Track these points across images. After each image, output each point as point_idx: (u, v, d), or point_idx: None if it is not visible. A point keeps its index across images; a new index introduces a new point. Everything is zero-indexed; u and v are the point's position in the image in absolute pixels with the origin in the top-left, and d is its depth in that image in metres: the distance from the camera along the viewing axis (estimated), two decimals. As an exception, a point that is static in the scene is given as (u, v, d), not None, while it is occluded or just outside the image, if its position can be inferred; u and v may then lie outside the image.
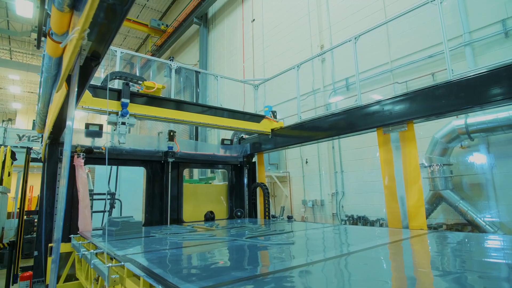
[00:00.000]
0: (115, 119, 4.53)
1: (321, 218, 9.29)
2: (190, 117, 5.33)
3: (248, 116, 6.21)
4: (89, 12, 1.42)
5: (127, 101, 4.62)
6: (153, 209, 5.74)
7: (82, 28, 1.50)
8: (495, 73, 3.62)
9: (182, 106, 5.34)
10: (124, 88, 4.63)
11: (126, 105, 4.58)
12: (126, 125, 4.58)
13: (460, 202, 6.09)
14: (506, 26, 6.06)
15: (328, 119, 5.49)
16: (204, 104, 5.58)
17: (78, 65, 1.87)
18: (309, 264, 2.37)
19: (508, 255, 2.70)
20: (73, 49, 1.69)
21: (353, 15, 9.07)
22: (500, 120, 5.60)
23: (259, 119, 6.41)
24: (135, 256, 2.60)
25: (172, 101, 5.34)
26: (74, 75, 1.93)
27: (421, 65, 7.25)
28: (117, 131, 4.55)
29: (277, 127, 6.47)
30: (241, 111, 6.28)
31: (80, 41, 1.60)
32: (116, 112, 4.58)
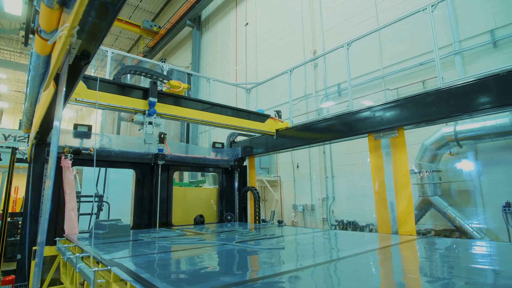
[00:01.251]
0: (142, 118, 4.42)
1: (311, 222, 9.30)
2: (201, 115, 5.12)
3: (253, 116, 5.91)
4: (79, 8, 1.39)
5: (155, 100, 4.51)
6: (141, 212, 5.65)
7: (72, 25, 1.46)
8: (484, 82, 3.69)
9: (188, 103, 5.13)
10: (152, 86, 4.51)
11: (153, 104, 4.48)
12: (153, 125, 4.47)
13: (449, 208, 6.17)
14: (495, 36, 6.21)
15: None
16: (208, 101, 5.30)
17: (67, 64, 1.83)
18: (298, 270, 2.35)
19: (495, 261, 2.74)
20: (62, 47, 1.65)
21: (346, 21, 9.18)
22: (488, 128, 5.72)
23: (263, 118, 6.10)
24: (122, 260, 2.54)
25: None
26: (62, 74, 1.88)
27: (412, 72, 7.36)
28: (144, 131, 4.43)
29: (283, 127, 6.17)
30: (246, 110, 5.99)
31: (69, 38, 1.56)
32: (143, 112, 4.48)
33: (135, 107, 4.43)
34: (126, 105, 4.35)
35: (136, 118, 4.39)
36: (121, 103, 4.30)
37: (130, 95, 4.41)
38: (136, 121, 4.40)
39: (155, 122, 4.47)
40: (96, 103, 4.05)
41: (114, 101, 4.20)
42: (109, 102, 4.15)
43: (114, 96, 4.23)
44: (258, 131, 6.06)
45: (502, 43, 6.15)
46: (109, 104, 4.14)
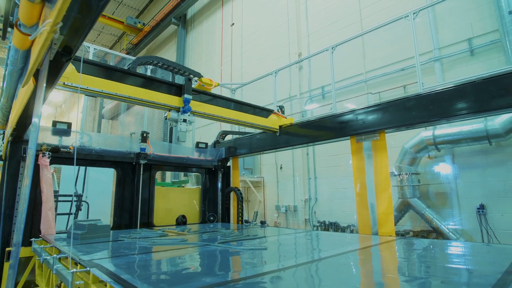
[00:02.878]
0: (176, 116, 4.29)
1: (294, 223, 9.38)
2: (201, 107, 4.78)
3: (256, 110, 5.53)
4: (63, 5, 1.35)
5: (190, 97, 4.38)
6: (122, 212, 5.54)
7: (55, 21, 1.42)
8: (461, 88, 3.83)
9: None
10: (187, 83, 4.37)
11: (188, 101, 4.34)
12: (187, 123, 4.34)
13: (426, 210, 6.36)
14: (472, 45, 6.46)
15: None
16: (209, 92, 4.94)
17: (48, 60, 1.77)
18: (280, 270, 2.37)
19: (469, 261, 2.85)
20: (43, 43, 1.60)
21: (331, 25, 9.32)
22: (464, 133, 5.94)
23: (266, 114, 5.70)
24: (101, 261, 2.48)
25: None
26: (42, 70, 1.83)
27: (394, 77, 7.55)
28: (179, 128, 4.31)
29: (287, 123, 5.81)
30: (249, 104, 5.51)
31: (51, 34, 1.52)
32: (177, 109, 4.34)
33: (168, 104, 4.28)
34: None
35: (170, 116, 4.26)
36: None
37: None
38: (170, 118, 4.28)
39: (189, 119, 4.36)
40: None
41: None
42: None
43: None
44: (261, 127, 5.67)
45: (479, 52, 6.41)
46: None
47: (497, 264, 2.60)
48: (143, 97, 4.05)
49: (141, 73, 4.26)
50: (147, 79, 4.18)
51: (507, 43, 5.68)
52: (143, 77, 4.17)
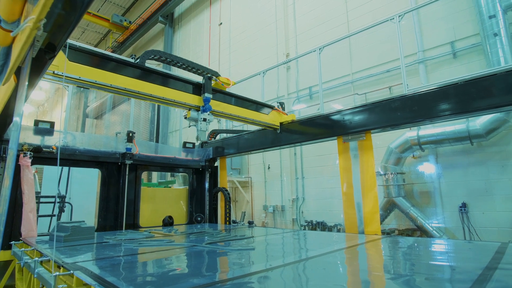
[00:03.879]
0: (196, 115, 4.21)
1: (282, 223, 9.41)
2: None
3: (257, 106, 5.31)
4: (47, 0, 1.31)
5: (210, 96, 4.31)
6: (107, 214, 5.44)
7: (38, 17, 1.38)
8: (444, 90, 3.92)
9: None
10: (207, 82, 4.30)
11: (208, 100, 4.27)
12: (207, 122, 4.26)
13: (411, 208, 6.49)
14: (455, 48, 6.63)
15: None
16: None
17: (30, 57, 1.72)
18: (268, 270, 2.37)
19: (451, 258, 2.92)
20: (26, 40, 1.55)
21: (319, 26, 9.39)
22: (447, 134, 6.09)
23: (267, 110, 5.50)
24: (86, 264, 2.43)
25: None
26: (24, 68, 1.77)
27: (380, 78, 7.67)
28: (198, 128, 4.23)
29: (288, 120, 5.61)
30: (251, 99, 5.25)
31: (34, 31, 1.47)
32: (196, 108, 4.25)
33: (188, 102, 4.19)
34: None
35: (190, 115, 4.19)
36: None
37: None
38: (190, 117, 4.20)
39: (208, 118, 4.29)
40: (63, 76, 3.26)
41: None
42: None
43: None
44: (262, 123, 5.44)
45: (461, 54, 6.58)
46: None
47: (478, 261, 2.68)
48: (159, 94, 3.93)
49: (160, 70, 4.15)
50: (164, 76, 4.08)
51: (488, 47, 5.85)
52: (160, 74, 4.05)
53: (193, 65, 4.34)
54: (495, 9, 5.83)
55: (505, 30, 5.69)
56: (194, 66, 4.33)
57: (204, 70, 4.40)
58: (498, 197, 5.86)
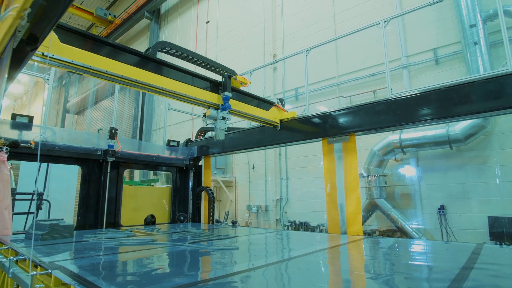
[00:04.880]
0: (216, 113, 4.14)
1: (265, 223, 9.43)
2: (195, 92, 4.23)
3: (257, 102, 5.10)
4: (31, -11, 1.26)
5: (229, 95, 4.24)
6: (87, 212, 5.30)
7: (22, 6, 1.32)
8: (426, 95, 4.03)
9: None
10: (226, 80, 4.23)
11: (228, 98, 4.20)
12: (225, 120, 4.20)
13: (392, 210, 6.64)
14: (437, 55, 6.82)
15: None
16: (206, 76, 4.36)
17: (11, 48, 1.65)
18: (251, 270, 2.37)
19: (429, 258, 3.01)
20: (7, 30, 1.48)
21: (306, 28, 9.47)
22: (428, 138, 6.26)
23: (267, 106, 5.28)
24: (64, 263, 2.36)
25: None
26: (4, 59, 1.70)
27: (364, 82, 7.81)
28: (218, 126, 4.15)
29: (288, 117, 5.44)
30: (251, 94, 5.01)
31: (17, 21, 1.40)
32: (215, 106, 4.16)
33: (208, 100, 4.11)
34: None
35: (210, 113, 4.12)
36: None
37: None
38: (209, 116, 4.13)
39: (227, 117, 4.24)
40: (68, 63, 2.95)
41: (60, 53, 3.08)
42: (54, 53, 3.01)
43: (62, 46, 3.09)
44: (262, 120, 5.21)
45: (443, 61, 6.78)
46: (53, 55, 2.96)
47: (455, 261, 2.76)
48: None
49: (183, 68, 4.05)
50: (183, 72, 3.99)
51: (468, 55, 6.06)
52: (180, 71, 3.96)
53: (212, 62, 4.27)
54: (476, 19, 6.04)
55: (485, 39, 5.90)
56: (213, 64, 4.27)
57: (222, 68, 4.34)
58: (474, 200, 6.07)
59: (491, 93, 3.58)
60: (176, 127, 12.41)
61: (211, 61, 4.25)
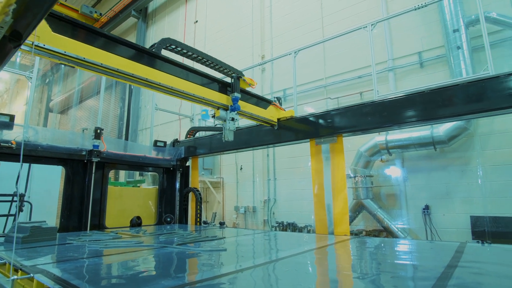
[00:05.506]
0: (225, 114, 4.11)
1: (253, 224, 9.42)
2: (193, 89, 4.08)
3: (255, 100, 4.98)
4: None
5: (239, 96, 4.22)
6: (70, 214, 5.18)
7: (7, 2, 1.27)
8: (411, 97, 4.11)
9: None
10: (235, 81, 4.22)
11: (237, 99, 4.19)
12: (234, 121, 4.16)
13: (378, 210, 6.74)
14: (422, 58, 6.98)
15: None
16: (205, 73, 4.22)
17: (-8, 44, 1.60)
18: (238, 271, 2.36)
19: (414, 257, 3.07)
20: (-12, 24, 1.43)
21: (295, 30, 9.52)
22: (413, 139, 6.39)
23: (265, 104, 5.19)
24: (47, 267, 2.29)
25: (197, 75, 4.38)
26: (-17, 54, 1.64)
27: (351, 84, 7.90)
28: (227, 127, 4.12)
29: (287, 116, 5.32)
30: (249, 92, 4.84)
31: (1, 16, 1.36)
32: (224, 107, 4.11)
33: (217, 101, 4.06)
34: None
35: (220, 114, 4.12)
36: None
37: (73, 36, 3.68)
38: (219, 116, 4.12)
39: (236, 118, 4.22)
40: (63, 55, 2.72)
41: (52, 43, 2.82)
42: (45, 43, 2.73)
43: (54, 36, 2.82)
44: (260, 119, 5.07)
45: (428, 64, 6.93)
46: (44, 45, 2.69)
47: (440, 259, 2.82)
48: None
49: (196, 69, 4.00)
50: (192, 72, 3.94)
51: (451, 59, 6.21)
52: (190, 70, 3.92)
53: (220, 63, 4.23)
54: (459, 24, 6.20)
55: (467, 44, 6.06)
56: (221, 64, 4.23)
57: (230, 69, 4.33)
58: (457, 200, 6.22)
59: (473, 96, 3.69)
60: (163, 127, 12.26)
61: (219, 61, 4.22)
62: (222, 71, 4.34)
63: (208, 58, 4.08)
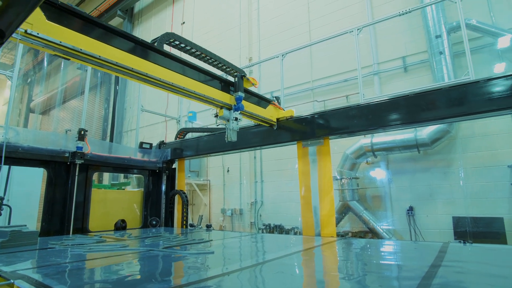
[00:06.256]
0: (228, 114, 3.98)
1: (240, 226, 9.39)
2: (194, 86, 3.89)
3: (256, 99, 4.83)
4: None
5: (242, 95, 4.08)
6: (52, 217, 5.03)
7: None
8: (396, 101, 4.19)
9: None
10: (239, 80, 4.08)
11: (241, 99, 4.05)
12: (238, 121, 4.05)
13: (364, 212, 6.83)
14: (406, 63, 7.14)
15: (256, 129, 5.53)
16: (204, 69, 4.01)
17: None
18: (225, 274, 2.35)
19: (399, 258, 3.12)
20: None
21: (282, 33, 9.59)
22: (398, 142, 6.52)
23: (265, 104, 5.03)
24: (28, 272, 2.22)
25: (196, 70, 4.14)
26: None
27: (338, 87, 8.01)
28: (230, 127, 3.99)
29: (286, 116, 5.18)
30: (249, 90, 4.67)
31: None
32: (227, 106, 3.99)
33: (220, 99, 3.94)
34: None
35: (223, 113, 3.99)
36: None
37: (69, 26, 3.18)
38: (222, 116, 3.99)
39: (239, 118, 4.10)
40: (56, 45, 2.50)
41: (46, 31, 2.54)
42: (38, 31, 2.46)
43: (48, 24, 2.55)
44: (260, 118, 4.89)
45: (412, 69, 7.10)
46: (37, 34, 2.43)
47: (424, 259, 2.88)
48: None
49: (200, 66, 3.87)
50: (195, 69, 3.79)
51: (434, 63, 6.38)
52: (193, 67, 3.76)
53: (223, 61, 4.09)
54: (441, 30, 6.38)
55: (449, 49, 6.24)
56: (224, 62, 4.10)
57: (233, 68, 4.22)
58: (440, 201, 6.38)
59: (455, 100, 3.79)
60: (149, 129, 12.11)
61: (222, 59, 4.09)
62: (225, 69, 4.23)
63: (211, 55, 3.94)
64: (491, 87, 3.56)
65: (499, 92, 3.51)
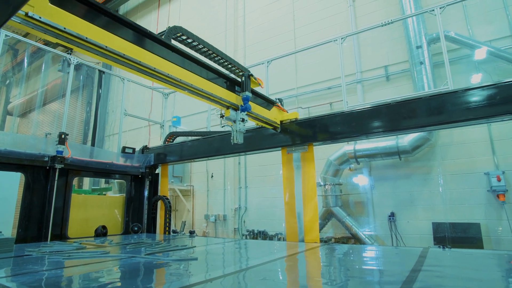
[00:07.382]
0: (235, 115, 3.83)
1: (223, 232, 9.31)
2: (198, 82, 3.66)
3: (260, 100, 4.64)
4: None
5: (250, 95, 3.91)
6: (29, 223, 4.86)
7: None
8: (378, 109, 4.29)
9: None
10: (246, 80, 3.92)
11: (248, 99, 3.87)
12: (244, 122, 3.90)
13: (347, 218, 6.92)
14: (388, 72, 7.34)
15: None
16: (207, 63, 3.72)
17: None
18: (208, 281, 2.32)
19: (381, 263, 3.17)
20: None
21: (267, 40, 9.69)
22: (380, 149, 6.66)
23: (269, 105, 4.87)
24: (2, 280, 2.13)
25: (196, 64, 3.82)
26: None
27: (322, 94, 8.14)
28: (237, 128, 3.83)
29: (291, 118, 5.06)
30: (256, 92, 4.52)
31: None
32: (234, 106, 3.83)
33: (227, 99, 3.78)
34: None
35: (230, 114, 3.83)
36: (59, 21, 3.31)
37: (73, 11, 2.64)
38: (228, 117, 3.84)
39: (246, 119, 3.96)
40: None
41: (49, 16, 2.28)
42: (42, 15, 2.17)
43: (51, 9, 2.27)
44: (264, 120, 4.70)
45: (393, 78, 7.30)
46: (40, 18, 2.16)
47: (405, 264, 2.94)
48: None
49: (208, 63, 3.66)
50: (202, 66, 3.58)
51: (415, 73, 6.58)
52: (200, 64, 3.54)
53: (230, 60, 3.94)
54: (421, 41, 6.61)
55: (429, 59, 6.46)
56: (231, 61, 3.95)
57: (239, 67, 4.09)
58: (420, 207, 6.53)
59: (434, 109, 3.92)
60: (132, 134, 11.90)
61: (230, 58, 3.95)
62: (230, 68, 4.09)
63: (219, 53, 3.77)
64: (469, 97, 3.70)
65: (476, 102, 3.65)
